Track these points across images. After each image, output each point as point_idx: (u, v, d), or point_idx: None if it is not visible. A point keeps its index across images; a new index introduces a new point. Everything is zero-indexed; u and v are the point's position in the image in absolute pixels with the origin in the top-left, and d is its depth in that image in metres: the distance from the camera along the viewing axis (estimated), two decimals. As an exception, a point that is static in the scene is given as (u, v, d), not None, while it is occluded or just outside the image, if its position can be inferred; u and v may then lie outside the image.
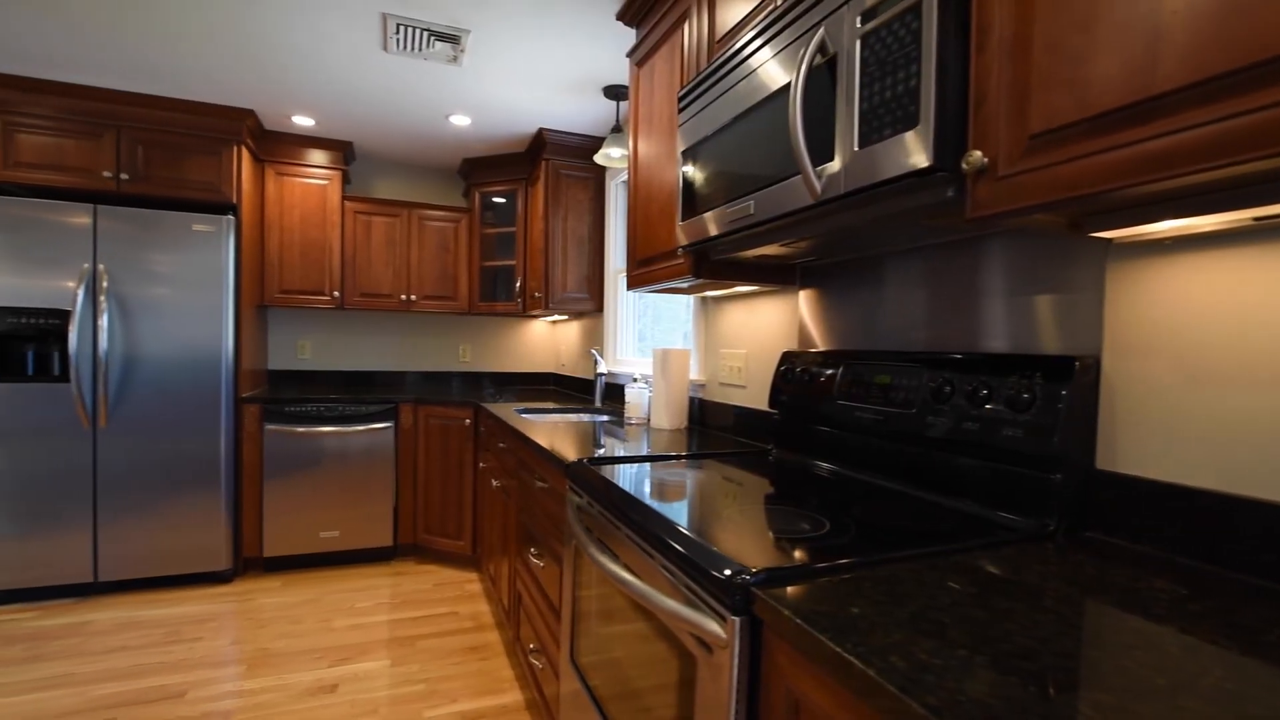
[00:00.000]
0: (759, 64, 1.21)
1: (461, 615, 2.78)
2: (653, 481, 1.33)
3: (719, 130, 1.35)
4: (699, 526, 1.00)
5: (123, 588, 2.96)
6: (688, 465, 1.53)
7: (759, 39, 1.22)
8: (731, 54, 1.31)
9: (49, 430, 2.75)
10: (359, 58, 2.43)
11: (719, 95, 1.36)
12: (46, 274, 2.72)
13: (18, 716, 1.99)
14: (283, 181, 3.34)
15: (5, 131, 2.73)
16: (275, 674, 2.27)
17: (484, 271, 3.71)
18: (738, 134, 1.29)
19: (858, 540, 0.94)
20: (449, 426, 3.25)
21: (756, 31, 1.22)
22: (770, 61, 1.18)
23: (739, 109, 1.28)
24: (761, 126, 1.21)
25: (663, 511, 1.08)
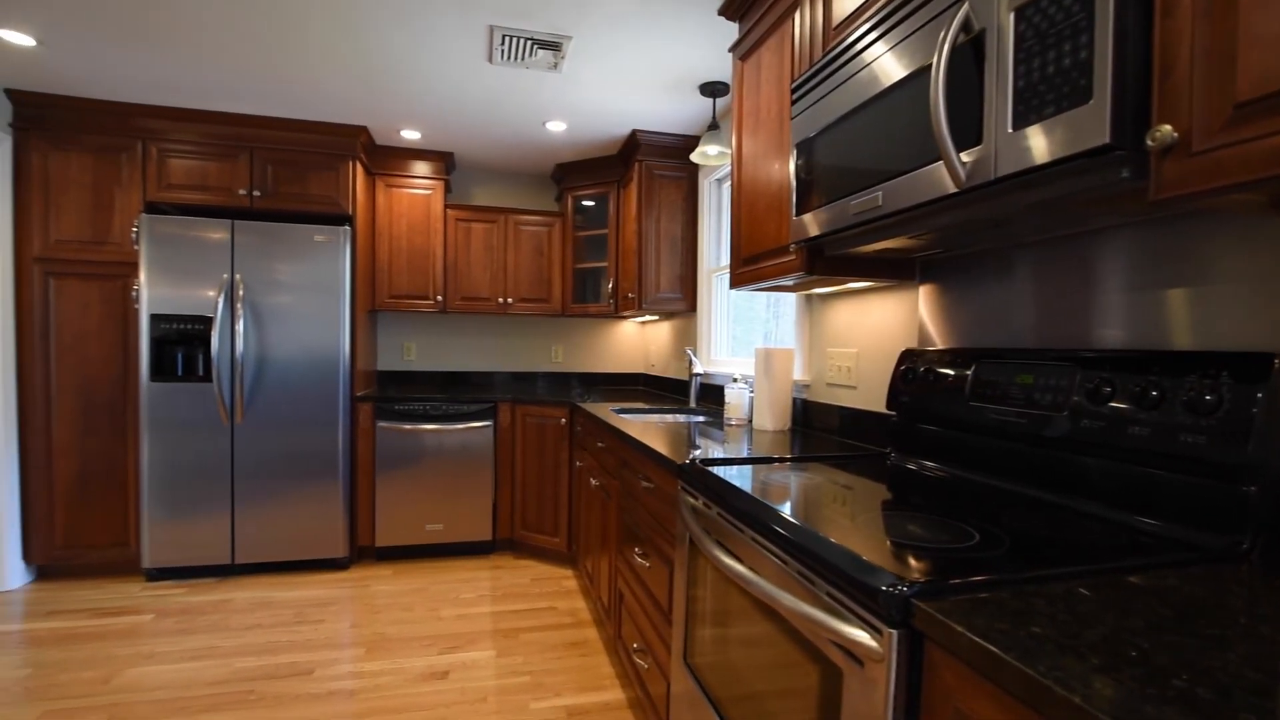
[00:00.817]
0: (886, 49, 1.16)
1: (560, 611, 2.83)
2: (773, 484, 1.30)
3: (838, 121, 1.30)
4: (836, 533, 0.96)
5: (255, 570, 3.22)
6: (804, 468, 1.48)
7: (885, 23, 1.16)
8: (851, 41, 1.26)
9: (195, 424, 3.04)
10: (464, 71, 2.53)
11: (838, 85, 1.31)
12: (193, 284, 3.01)
13: (175, 684, 2.21)
14: (391, 193, 3.54)
15: (159, 157, 3.05)
16: (391, 658, 2.40)
17: (576, 274, 3.79)
18: (861, 124, 1.23)
19: (1014, 554, 0.87)
20: (545, 425, 3.33)
21: (882, 15, 1.17)
22: (900, 45, 1.12)
23: (862, 97, 1.23)
24: (889, 114, 1.15)
25: (794, 516, 1.05)
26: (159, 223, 2.96)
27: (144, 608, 2.81)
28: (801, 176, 1.44)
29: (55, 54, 2.49)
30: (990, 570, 0.80)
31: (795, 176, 1.47)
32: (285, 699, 2.11)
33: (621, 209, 3.52)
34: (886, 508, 1.12)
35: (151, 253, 2.95)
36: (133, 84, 2.76)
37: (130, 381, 3.06)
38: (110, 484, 3.07)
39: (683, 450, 1.71)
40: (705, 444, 1.84)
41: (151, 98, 2.91)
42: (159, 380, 2.99)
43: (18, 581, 3.01)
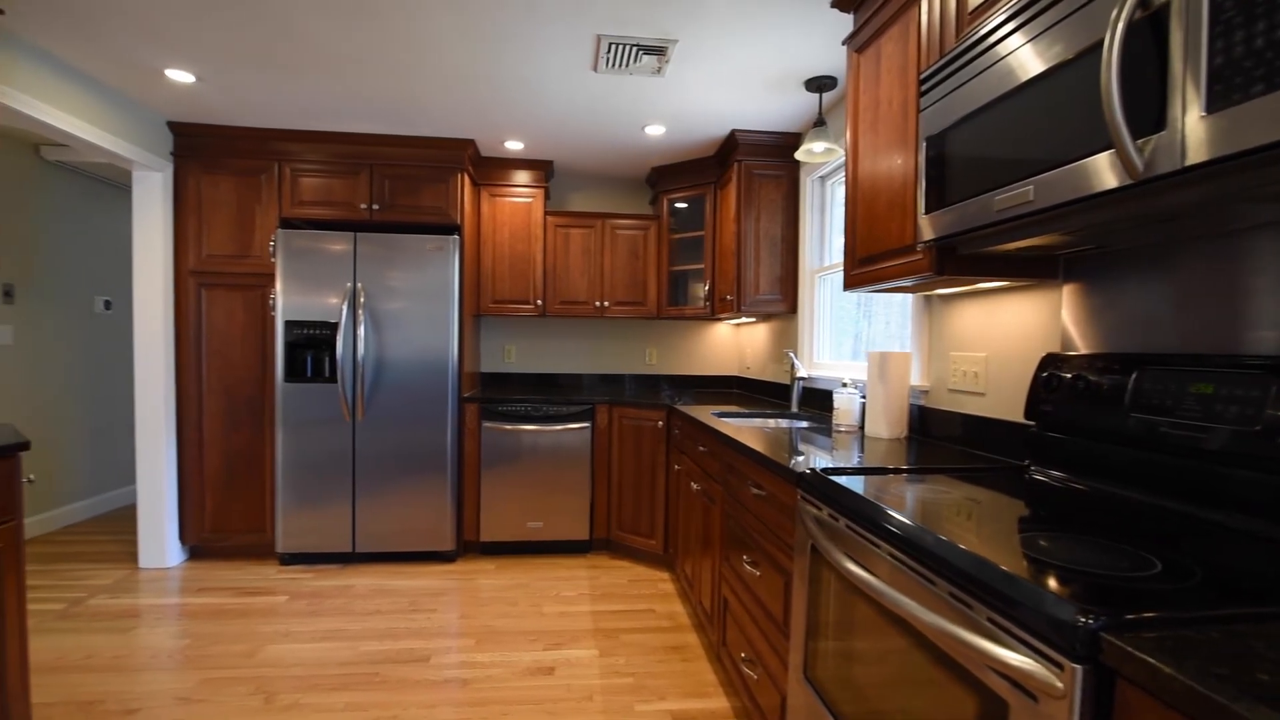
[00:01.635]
0: (1039, 31, 1.07)
1: (659, 614, 2.84)
2: (905, 497, 1.23)
3: (978, 111, 1.22)
4: (994, 553, 0.90)
5: (372, 559, 3.45)
6: (933, 480, 1.40)
7: (1035, 4, 1.08)
8: (994, 26, 1.17)
9: (322, 422, 3.29)
10: (569, 81, 2.59)
11: (978, 72, 1.22)
12: (320, 293, 3.26)
13: (310, 661, 2.39)
14: (495, 202, 3.69)
15: (292, 177, 3.32)
16: (499, 650, 2.49)
17: (671, 276, 3.80)
18: (1007, 113, 1.15)
19: (1211, 587, 0.77)
20: (642, 428, 3.36)
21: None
22: (1056, 28, 1.03)
23: (1009, 85, 1.14)
24: (1043, 101, 1.06)
25: (941, 533, 0.99)
26: (292, 237, 3.23)
27: (278, 589, 3.07)
28: (932, 172, 1.37)
29: (210, 88, 2.77)
30: (1189, 604, 0.71)
31: (924, 172, 1.39)
32: (406, 684, 2.24)
33: (719, 210, 3.49)
34: (1039, 527, 1.04)
35: (286, 264, 3.23)
36: (271, 111, 3.03)
37: (268, 382, 3.35)
38: (250, 475, 3.38)
39: (793, 457, 1.66)
40: (815, 451, 1.78)
41: (286, 123, 3.18)
42: (291, 381, 3.26)
43: (175, 560, 3.36)
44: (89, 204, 4.13)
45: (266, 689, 2.20)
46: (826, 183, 3.01)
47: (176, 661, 2.38)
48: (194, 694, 2.16)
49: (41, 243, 3.79)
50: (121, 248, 4.41)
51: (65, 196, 3.94)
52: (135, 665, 2.35)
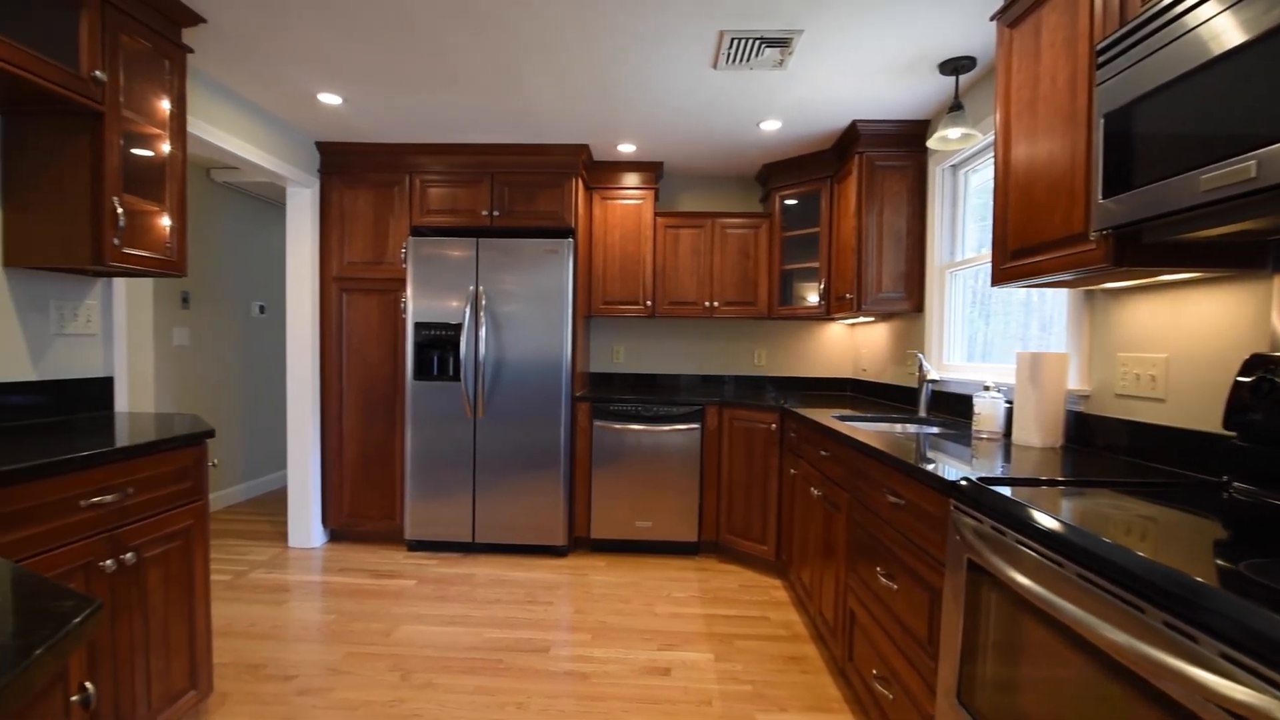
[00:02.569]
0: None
1: (774, 622, 2.76)
2: (1086, 512, 1.11)
3: (1174, 82, 1.08)
4: (1220, 579, 0.78)
5: (490, 550, 3.60)
6: (1110, 494, 1.25)
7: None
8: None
9: (447, 418, 3.48)
10: (687, 80, 2.58)
11: (1172, 39, 1.08)
12: (445, 296, 3.45)
13: (439, 644, 2.52)
14: (606, 205, 3.76)
15: (421, 188, 3.55)
16: (615, 647, 2.52)
17: (783, 275, 3.70)
18: (1213, 82, 1.00)
19: None
20: (754, 430, 3.29)
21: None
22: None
23: (1215, 50, 1.00)
24: (1264, 65, 0.92)
25: (1148, 556, 0.88)
26: (421, 244, 3.45)
27: (407, 574, 3.27)
28: (1112, 152, 1.23)
29: (353, 109, 3.01)
30: None
31: (1101, 152, 1.25)
32: (528, 673, 2.31)
33: (836, 205, 3.36)
34: (1262, 553, 0.89)
35: (415, 270, 3.45)
36: (404, 127, 3.24)
37: (399, 380, 3.59)
38: (382, 466, 3.64)
39: (933, 464, 1.55)
40: (956, 459, 1.65)
41: (416, 137, 3.40)
42: (420, 379, 3.48)
43: (318, 541, 3.68)
44: (248, 219, 4.62)
45: (403, 667, 2.34)
46: (959, 172, 2.81)
47: (324, 635, 2.59)
48: (341, 666, 2.35)
49: (211, 254, 4.27)
50: (273, 257, 4.90)
51: (230, 213, 4.43)
52: (290, 635, 2.58)
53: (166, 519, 1.72)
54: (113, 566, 1.53)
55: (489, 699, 2.14)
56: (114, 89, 1.84)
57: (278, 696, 2.14)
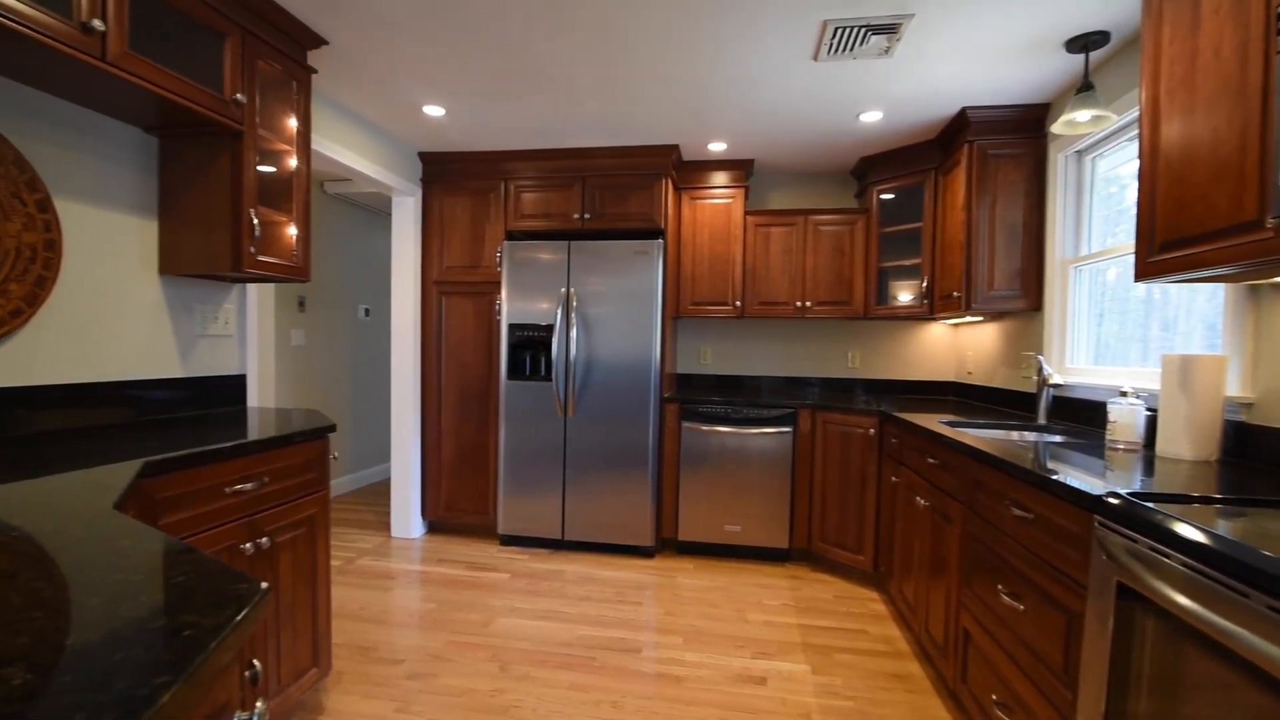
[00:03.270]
0: None
1: (873, 636, 2.64)
2: (1278, 537, 0.97)
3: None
4: None
5: (579, 547, 3.65)
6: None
7: None
8: None
9: (538, 417, 3.56)
10: (784, 74, 2.52)
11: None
12: (538, 298, 3.54)
13: (534, 638, 2.58)
14: (695, 205, 3.73)
15: (516, 193, 3.65)
16: (707, 652, 2.48)
17: (880, 273, 3.54)
18: None
19: None
20: (850, 435, 3.16)
21: None
22: None
23: None
24: None
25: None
26: (515, 248, 3.55)
27: (500, 567, 3.37)
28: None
29: (454, 120, 3.14)
30: None
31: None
32: (622, 672, 2.32)
33: (941, 198, 3.17)
34: None
35: (509, 273, 3.55)
36: (500, 135, 3.35)
37: (493, 379, 3.72)
38: (477, 463, 3.77)
39: (1067, 476, 1.41)
40: (1087, 471, 1.50)
41: (511, 144, 3.51)
42: (513, 379, 3.59)
43: (417, 532, 3.86)
44: (355, 228, 4.93)
45: (500, 658, 2.41)
46: (1085, 158, 2.58)
47: (427, 622, 2.71)
48: (443, 653, 2.44)
49: (324, 261, 4.59)
50: (377, 264, 5.20)
51: (340, 222, 4.75)
52: (396, 621, 2.72)
53: (295, 507, 1.85)
54: (251, 550, 1.66)
55: (584, 696, 2.16)
56: (251, 110, 2.00)
57: (387, 679, 2.25)
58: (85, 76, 1.59)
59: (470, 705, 2.09)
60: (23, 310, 1.68)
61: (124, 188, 1.98)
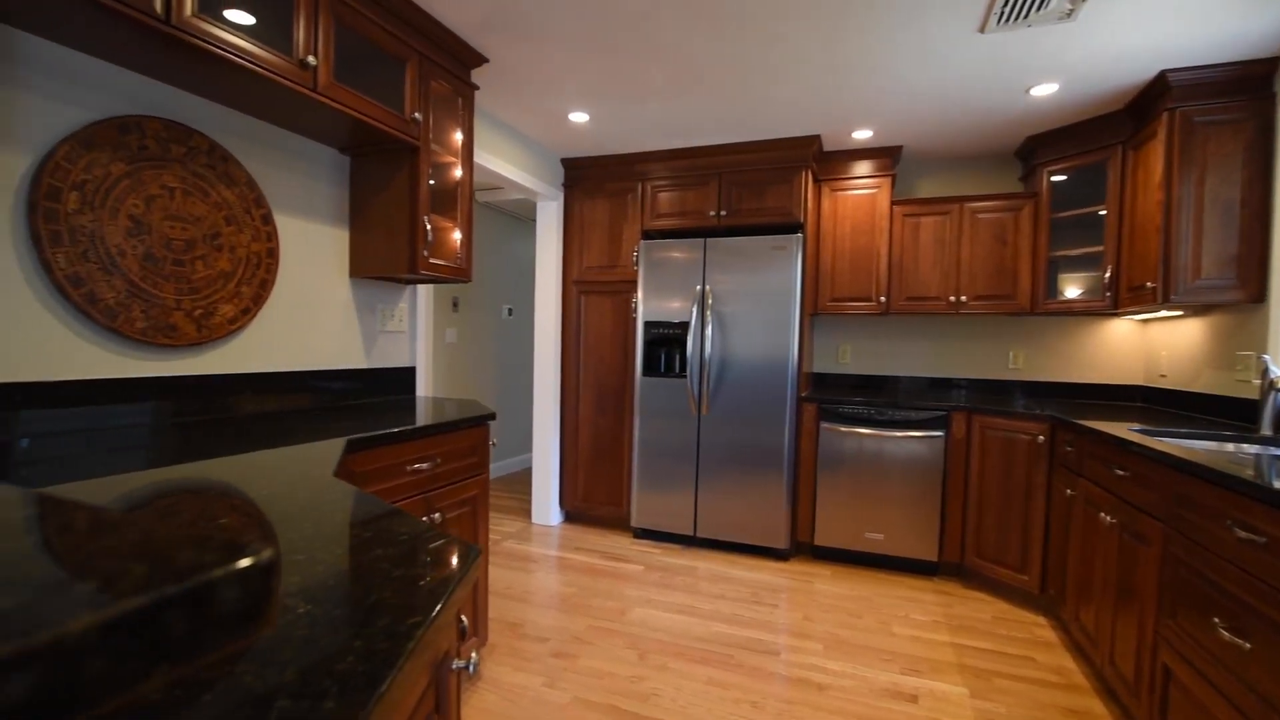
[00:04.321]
0: None
1: (1041, 665, 2.38)
2: None
3: None
4: None
5: (710, 545, 3.65)
6: None
7: None
8: None
9: (673, 414, 3.61)
10: (943, 51, 2.35)
11: None
12: (674, 296, 3.58)
13: (670, 630, 2.61)
14: (835, 197, 3.58)
15: (652, 193, 3.72)
16: (850, 662, 2.37)
17: (1051, 263, 3.18)
18: None
19: None
20: (1014, 441, 2.87)
21: None
22: None
23: None
24: None
25: None
26: (651, 247, 3.62)
27: (634, 559, 3.45)
28: None
29: (596, 126, 3.27)
30: None
31: None
32: (760, 674, 2.28)
33: (1130, 176, 2.79)
34: None
35: (646, 272, 3.63)
36: (638, 137, 3.43)
37: (628, 375, 3.82)
38: (612, 456, 3.89)
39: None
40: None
41: (648, 145, 3.58)
42: (648, 376, 3.66)
43: (555, 520, 4.06)
44: (500, 233, 5.29)
45: (639, 646, 2.47)
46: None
47: (568, 606, 2.83)
48: (584, 636, 2.55)
49: (474, 265, 4.97)
50: (518, 266, 5.54)
51: (487, 228, 5.11)
52: (539, 602, 2.87)
53: (460, 488, 2.02)
54: (427, 524, 1.84)
55: (723, 692, 2.15)
56: (426, 126, 2.21)
57: (535, 655, 2.38)
58: (298, 105, 1.84)
59: (611, 689, 2.16)
60: (250, 309, 1.98)
61: (324, 201, 2.26)
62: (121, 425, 1.65)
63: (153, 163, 1.69)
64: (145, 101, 1.70)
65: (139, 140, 1.66)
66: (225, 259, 1.89)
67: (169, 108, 1.75)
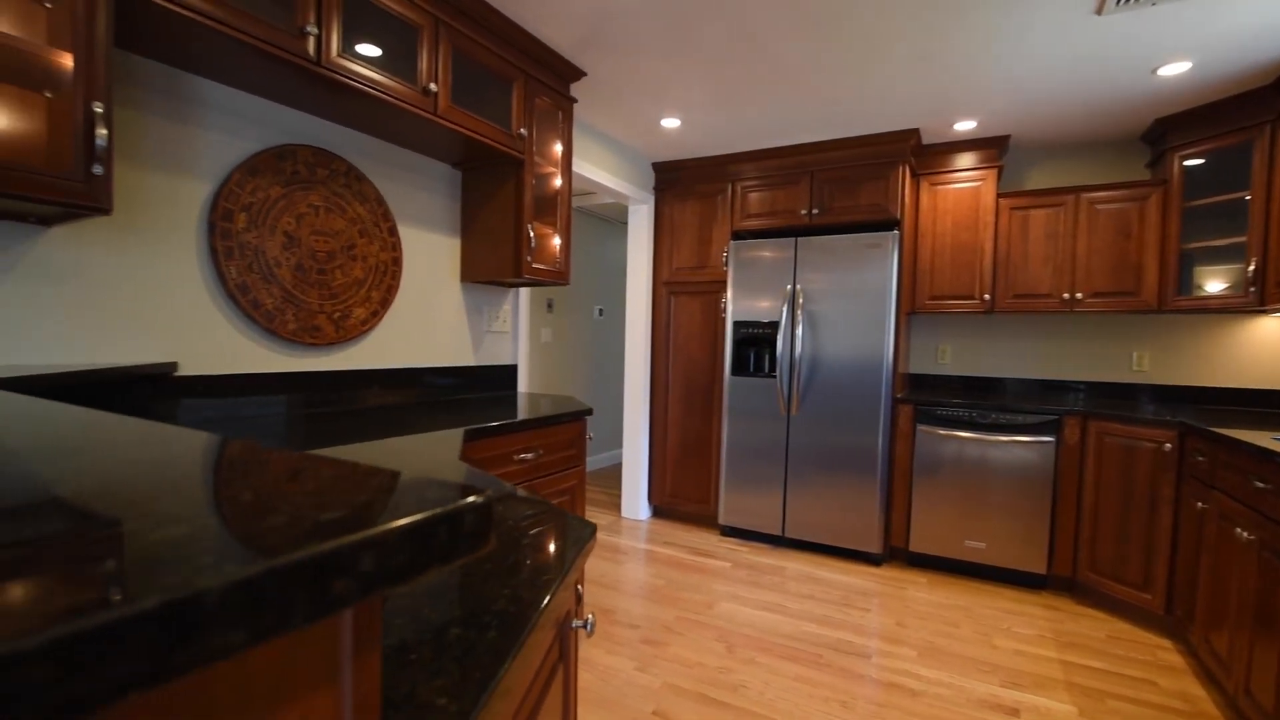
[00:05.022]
0: None
1: (1164, 690, 2.21)
2: None
3: None
4: None
5: (798, 546, 3.63)
6: None
7: None
8: None
9: (761, 413, 3.62)
10: (1054, 36, 2.23)
11: None
12: (763, 296, 3.59)
13: (758, 625, 2.64)
14: (935, 191, 3.46)
15: (742, 194, 3.75)
16: (945, 671, 2.31)
17: (1183, 256, 2.92)
18: None
19: None
20: (1135, 449, 2.67)
21: None
22: None
23: None
24: None
25: None
26: (740, 247, 3.65)
27: (721, 556, 3.49)
28: None
29: (687, 130, 3.34)
30: None
31: None
32: (850, 675, 2.27)
33: (1278, 158, 2.52)
34: None
35: (735, 272, 3.66)
36: (727, 139, 3.47)
37: (717, 374, 3.86)
38: (700, 454, 3.95)
39: None
40: None
41: (738, 146, 3.61)
42: (737, 375, 3.69)
43: (644, 515, 4.17)
44: (592, 236, 5.47)
45: (726, 640, 2.52)
46: None
47: (657, 596, 2.93)
48: (673, 626, 2.63)
49: (570, 268, 5.18)
50: (609, 268, 5.71)
51: (579, 232, 5.31)
52: (630, 591, 2.99)
53: (561, 478, 2.16)
54: (529, 509, 1.99)
55: (811, 690, 2.16)
56: (530, 140, 2.37)
57: (626, 641, 2.49)
58: (420, 127, 2.04)
59: (700, 677, 2.23)
60: (378, 311, 2.21)
61: (439, 212, 2.48)
62: (261, 415, 1.91)
63: (302, 185, 1.94)
64: (296, 131, 1.95)
65: (292, 166, 1.91)
66: (359, 267, 2.13)
67: (315, 136, 2.00)
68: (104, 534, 0.25)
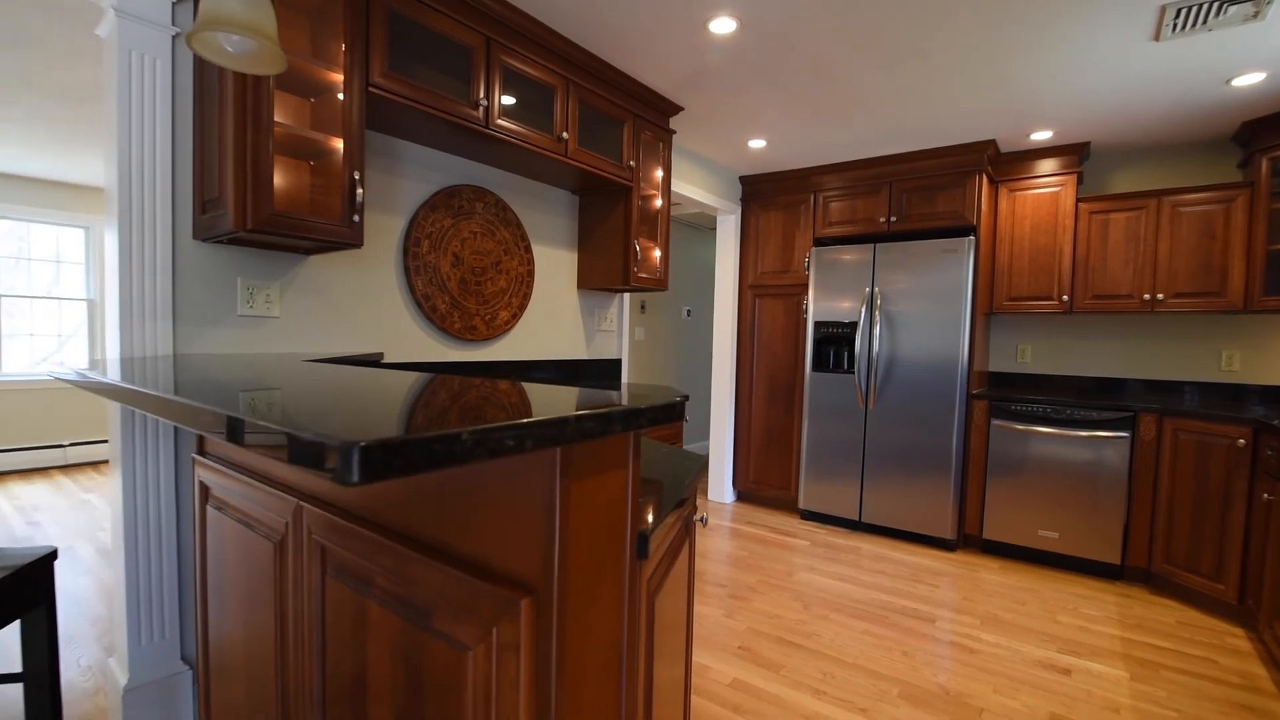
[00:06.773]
0: None
1: (1223, 667, 2.36)
2: None
3: None
4: None
5: (874, 530, 3.89)
6: None
7: None
8: None
9: (839, 408, 3.91)
10: (1118, 59, 2.42)
11: None
12: (842, 298, 3.88)
13: (832, 591, 2.97)
14: (1014, 197, 3.62)
15: (824, 203, 4.05)
16: (1005, 637, 2.56)
17: (1271, 256, 2.96)
18: None
19: None
20: (1210, 445, 2.77)
21: None
22: None
23: None
24: None
25: None
26: (821, 253, 3.95)
27: (800, 536, 3.82)
28: None
29: (771, 149, 3.69)
30: None
31: None
32: (913, 633, 2.57)
33: (1361, 164, 2.55)
34: None
35: (816, 276, 3.97)
36: (810, 154, 3.78)
37: (798, 371, 4.19)
38: (781, 444, 4.29)
39: None
40: None
41: (820, 160, 3.91)
42: (817, 371, 4.00)
43: (729, 498, 4.55)
44: (681, 242, 5.90)
45: (803, 599, 2.88)
46: None
47: (741, 564, 3.32)
48: (756, 587, 3.01)
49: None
50: (696, 272, 6.11)
51: (671, 239, 5.74)
52: (717, 559, 3.39)
53: (661, 451, 2.61)
54: (637, 474, 2.45)
55: (877, 641, 2.49)
56: (636, 170, 2.83)
57: (715, 596, 2.91)
58: (551, 165, 2.55)
59: (779, 626, 2.61)
60: (517, 314, 2.75)
61: (561, 232, 2.99)
62: (446, 392, 2.47)
63: (465, 216, 2.50)
64: (461, 174, 2.51)
65: (458, 201, 2.47)
66: (503, 279, 2.67)
67: (473, 176, 2.56)
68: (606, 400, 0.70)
